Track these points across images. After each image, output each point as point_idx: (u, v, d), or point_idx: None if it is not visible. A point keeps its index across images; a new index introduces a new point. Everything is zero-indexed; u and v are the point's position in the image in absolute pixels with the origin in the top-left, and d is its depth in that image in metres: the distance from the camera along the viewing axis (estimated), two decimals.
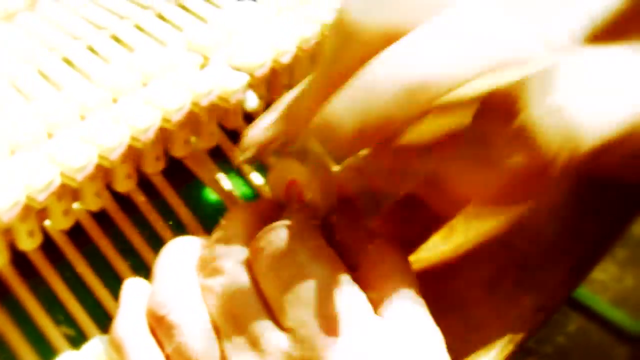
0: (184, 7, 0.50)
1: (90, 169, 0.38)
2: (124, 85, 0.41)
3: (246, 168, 0.51)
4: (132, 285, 0.38)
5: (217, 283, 0.35)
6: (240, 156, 0.39)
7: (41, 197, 0.37)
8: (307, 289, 0.33)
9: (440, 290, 0.51)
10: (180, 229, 0.47)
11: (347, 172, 0.40)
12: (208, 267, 0.36)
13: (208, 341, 0.34)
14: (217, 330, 0.34)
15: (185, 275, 0.36)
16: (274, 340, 0.33)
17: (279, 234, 0.35)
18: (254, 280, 0.35)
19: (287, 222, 0.36)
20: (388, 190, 0.44)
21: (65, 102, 0.40)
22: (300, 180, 0.41)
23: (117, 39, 0.48)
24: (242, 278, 0.35)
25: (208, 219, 0.47)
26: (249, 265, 0.35)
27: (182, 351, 0.34)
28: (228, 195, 0.48)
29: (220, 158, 0.50)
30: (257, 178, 0.51)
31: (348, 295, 0.34)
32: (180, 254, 0.37)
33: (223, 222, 0.39)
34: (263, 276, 0.34)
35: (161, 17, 0.50)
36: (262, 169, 0.50)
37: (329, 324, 0.32)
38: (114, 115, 0.40)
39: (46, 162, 0.38)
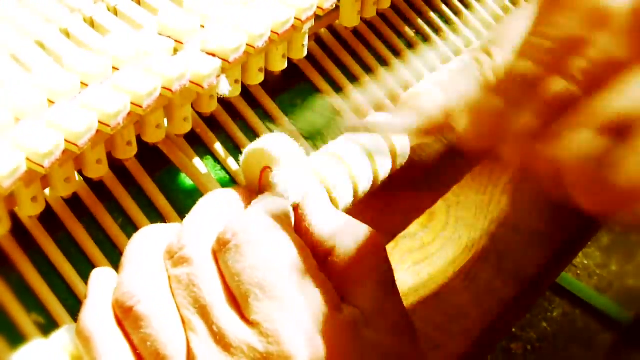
0: None
1: (57, 154, 0.37)
2: (94, 70, 0.40)
3: (223, 153, 0.50)
4: (99, 275, 0.37)
5: (184, 273, 0.34)
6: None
7: (6, 184, 0.36)
8: (272, 282, 0.33)
9: (420, 279, 0.51)
10: (154, 215, 0.47)
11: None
12: (176, 256, 0.35)
13: (175, 333, 0.34)
14: (184, 321, 0.34)
15: (153, 265, 0.36)
16: (240, 334, 0.32)
17: (244, 225, 0.34)
18: (220, 272, 0.34)
19: (254, 212, 0.36)
20: None
21: (34, 86, 0.40)
22: (273, 167, 0.40)
23: (91, 22, 0.47)
24: (209, 269, 0.34)
25: (183, 205, 0.47)
26: (216, 255, 0.35)
27: (149, 342, 0.34)
28: (203, 180, 0.48)
29: (196, 143, 0.50)
30: (233, 163, 0.50)
31: (314, 287, 0.33)
32: (148, 243, 0.37)
33: (194, 209, 0.38)
34: (228, 268, 0.34)
35: (139, 3, 0.49)
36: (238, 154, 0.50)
37: (294, 318, 0.32)
38: (83, 100, 0.39)
39: (12, 148, 0.37)
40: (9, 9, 0.47)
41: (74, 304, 0.42)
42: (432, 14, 0.62)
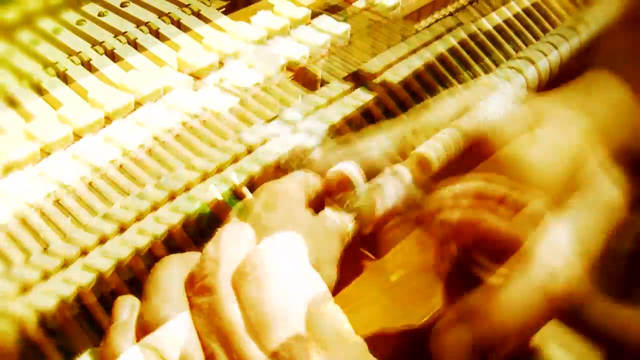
0: (180, 26, 0.51)
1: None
2: (117, 106, 0.42)
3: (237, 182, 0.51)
4: (123, 303, 0.38)
5: (206, 301, 0.36)
6: None
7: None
8: (291, 313, 0.34)
9: (434, 288, 0.51)
10: (172, 243, 0.48)
11: None
12: (198, 285, 0.36)
13: None
14: (205, 349, 0.35)
15: (176, 293, 0.37)
16: None
17: (263, 259, 0.35)
18: (241, 301, 0.35)
19: (271, 245, 0.37)
20: None
21: (60, 121, 0.41)
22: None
23: (112, 56, 0.49)
24: (229, 298, 0.35)
25: (201, 233, 0.48)
26: (236, 285, 0.36)
27: None
28: (221, 207, 0.49)
29: None
30: (248, 193, 0.51)
31: (330, 319, 0.35)
32: (171, 272, 0.38)
33: (214, 237, 0.39)
34: (248, 299, 0.35)
35: (157, 35, 0.51)
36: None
37: (311, 348, 0.33)
38: (106, 135, 0.41)
39: (40, 180, 0.38)
40: (32, 42, 0.49)
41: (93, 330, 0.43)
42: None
